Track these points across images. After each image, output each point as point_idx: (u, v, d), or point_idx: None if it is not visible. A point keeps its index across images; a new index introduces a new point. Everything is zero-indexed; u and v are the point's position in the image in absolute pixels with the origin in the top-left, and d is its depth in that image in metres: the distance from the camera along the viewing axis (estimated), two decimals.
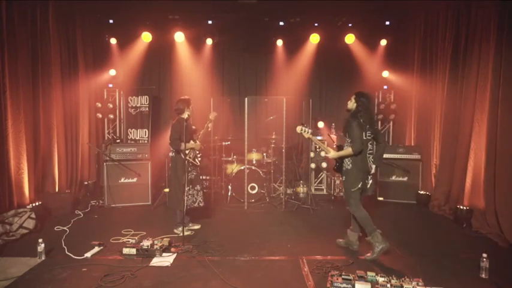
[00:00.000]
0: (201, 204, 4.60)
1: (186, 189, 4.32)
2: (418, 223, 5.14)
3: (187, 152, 4.37)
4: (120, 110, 7.29)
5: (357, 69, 7.41)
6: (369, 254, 3.73)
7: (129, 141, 7.07)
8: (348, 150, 3.75)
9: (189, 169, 4.45)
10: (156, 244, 3.79)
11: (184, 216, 4.29)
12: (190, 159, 4.46)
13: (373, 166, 3.86)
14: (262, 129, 6.96)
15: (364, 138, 3.73)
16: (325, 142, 5.96)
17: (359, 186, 3.78)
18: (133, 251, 3.69)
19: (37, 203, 4.82)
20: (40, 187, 5.29)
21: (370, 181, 3.91)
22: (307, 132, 4.05)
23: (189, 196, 4.46)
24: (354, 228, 4.04)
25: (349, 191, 3.82)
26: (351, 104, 3.88)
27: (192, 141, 4.42)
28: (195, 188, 4.54)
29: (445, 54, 5.60)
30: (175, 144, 4.26)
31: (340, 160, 3.91)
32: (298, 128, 4.07)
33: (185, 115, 4.37)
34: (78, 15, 6.31)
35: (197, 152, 4.54)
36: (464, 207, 4.82)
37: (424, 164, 6.20)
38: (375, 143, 3.88)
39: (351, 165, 3.80)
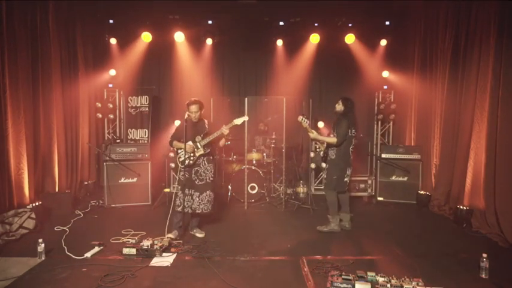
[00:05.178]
0: (183, 210, 4.16)
1: (175, 191, 4.30)
2: (418, 223, 5.14)
3: (179, 152, 4.30)
4: (120, 110, 7.28)
5: (357, 69, 7.41)
6: (322, 227, 4.57)
7: (129, 141, 7.07)
8: (332, 139, 4.48)
9: (181, 170, 4.23)
10: (156, 244, 3.79)
11: (181, 218, 4.24)
12: (180, 160, 4.28)
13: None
14: (261, 129, 6.95)
15: (350, 134, 4.44)
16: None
17: (339, 174, 4.48)
18: (133, 251, 3.69)
19: (37, 203, 4.81)
20: (40, 187, 5.29)
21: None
22: (306, 122, 4.55)
23: (177, 199, 4.22)
24: (345, 210, 4.71)
25: (331, 178, 4.54)
26: (339, 107, 4.57)
27: (190, 142, 4.21)
28: (184, 191, 4.17)
29: (445, 54, 5.60)
30: (169, 142, 4.43)
31: (327, 151, 4.64)
32: (299, 118, 4.55)
33: (186, 115, 4.34)
34: (78, 15, 6.31)
35: (190, 154, 4.22)
36: (464, 207, 4.82)
37: (424, 164, 6.20)
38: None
39: (334, 155, 4.53)
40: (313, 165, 6.82)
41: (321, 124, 7.09)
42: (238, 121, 4.25)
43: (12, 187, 4.55)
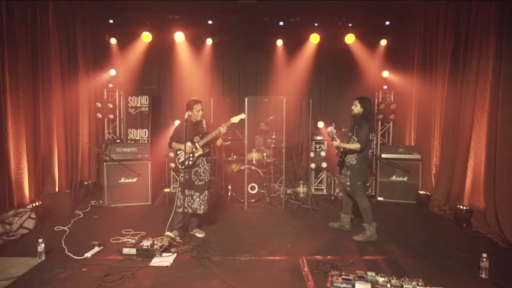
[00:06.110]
0: (183, 211, 4.17)
1: (176, 191, 4.30)
2: (418, 223, 5.14)
3: (178, 153, 4.29)
4: (120, 110, 7.28)
5: (357, 69, 7.40)
6: (358, 236, 4.28)
7: (129, 141, 7.06)
8: (355, 145, 4.20)
9: (181, 171, 4.23)
10: (156, 244, 3.79)
11: (182, 219, 4.23)
12: (179, 161, 4.26)
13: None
14: (262, 129, 6.95)
15: (370, 138, 4.24)
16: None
17: (364, 179, 4.34)
18: (133, 251, 3.69)
19: (37, 203, 4.82)
20: (40, 187, 5.29)
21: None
22: (334, 133, 4.31)
23: (177, 200, 4.24)
24: (346, 211, 4.65)
25: (355, 184, 4.32)
26: (357, 109, 4.30)
27: (188, 143, 4.17)
28: (184, 192, 4.18)
29: (445, 54, 5.60)
30: (168, 145, 4.41)
31: (343, 156, 4.40)
32: (329, 128, 4.33)
33: (186, 115, 4.33)
34: (78, 15, 6.31)
35: (190, 154, 4.22)
36: (464, 207, 4.82)
37: (424, 164, 6.20)
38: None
39: (355, 160, 4.28)
40: (313, 165, 6.82)
41: (320, 124, 7.08)
42: (235, 119, 4.26)
43: (12, 187, 4.56)
